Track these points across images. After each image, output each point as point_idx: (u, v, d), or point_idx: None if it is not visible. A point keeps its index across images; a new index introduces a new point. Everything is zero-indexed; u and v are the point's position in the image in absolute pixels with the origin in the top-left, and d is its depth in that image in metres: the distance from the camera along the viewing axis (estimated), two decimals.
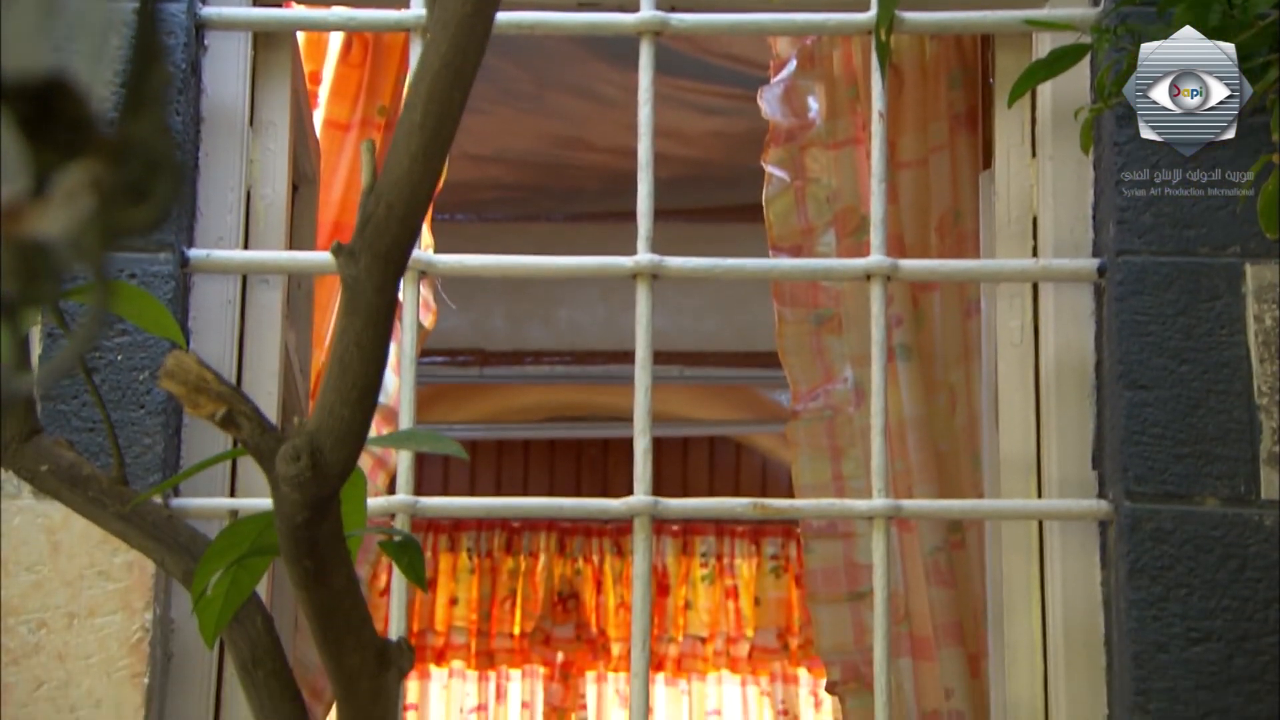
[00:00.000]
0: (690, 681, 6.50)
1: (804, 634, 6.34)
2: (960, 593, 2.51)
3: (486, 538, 6.50)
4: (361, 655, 1.17)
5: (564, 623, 6.42)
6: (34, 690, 1.69)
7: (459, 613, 6.42)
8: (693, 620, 6.53)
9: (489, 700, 6.38)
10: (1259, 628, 1.73)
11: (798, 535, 6.37)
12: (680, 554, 6.61)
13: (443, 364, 5.51)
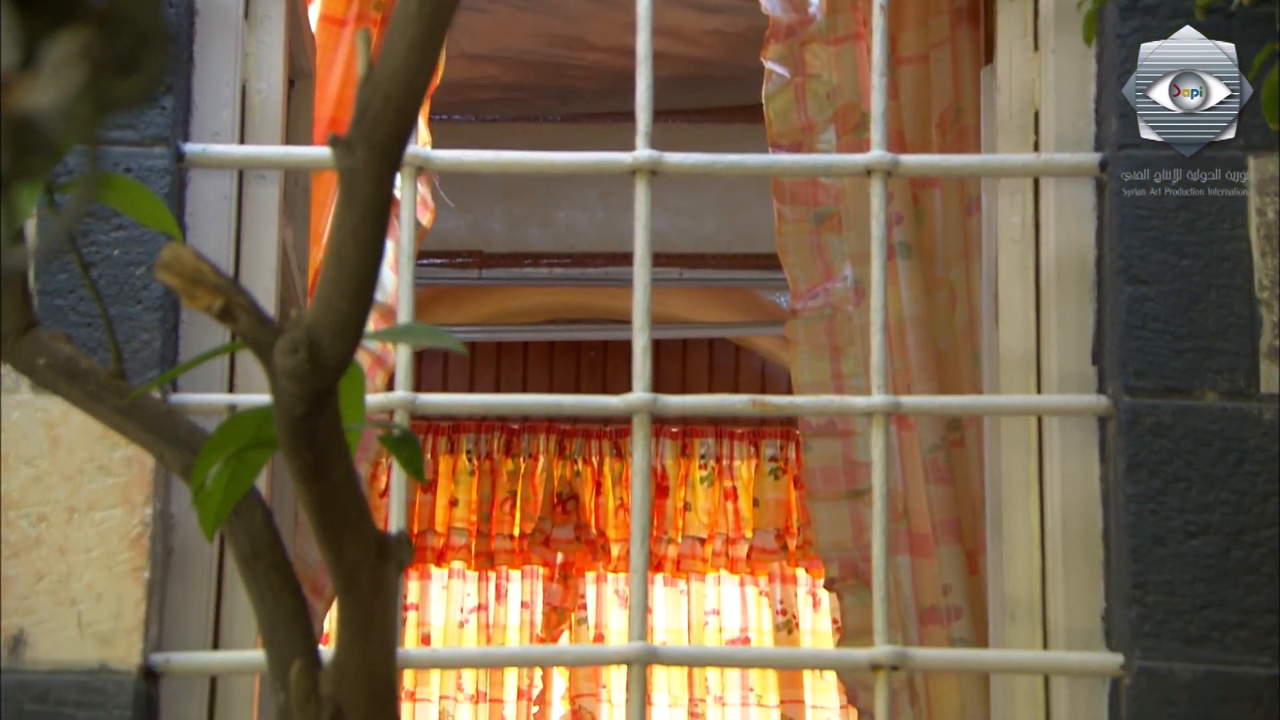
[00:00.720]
0: (689, 582, 6.54)
1: (802, 535, 6.37)
2: (959, 490, 2.52)
3: (486, 440, 6.52)
4: (361, 548, 1.17)
5: (563, 524, 6.45)
6: (35, 583, 1.70)
7: (459, 514, 6.45)
8: (691, 521, 6.56)
9: (489, 600, 6.43)
10: (1257, 521, 1.74)
11: (796, 437, 6.39)
12: (679, 456, 6.63)
13: (441, 266, 5.50)
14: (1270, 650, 1.71)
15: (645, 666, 1.84)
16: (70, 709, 1.67)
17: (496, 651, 2.90)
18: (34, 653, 1.69)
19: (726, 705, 6.40)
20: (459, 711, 6.29)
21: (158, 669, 1.73)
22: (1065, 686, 1.82)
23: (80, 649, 1.69)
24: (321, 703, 1.20)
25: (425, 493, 6.44)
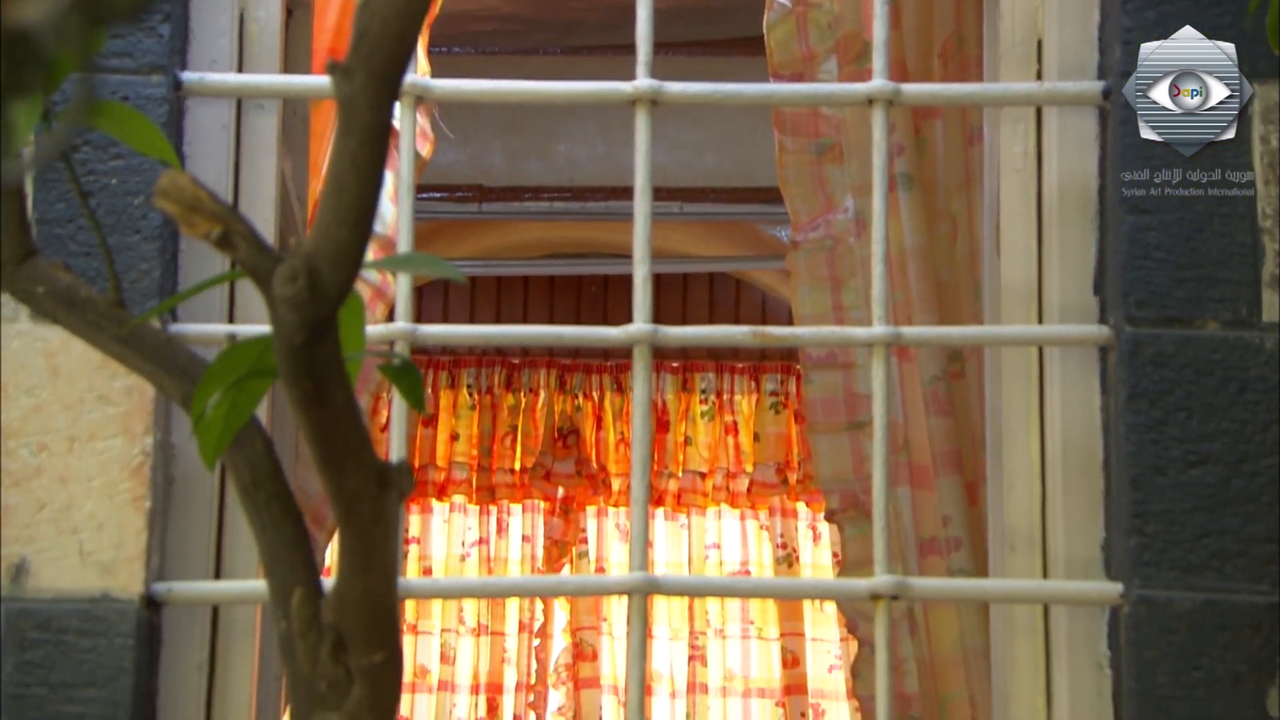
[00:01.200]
0: (689, 516, 6.56)
1: (803, 469, 6.39)
2: (959, 422, 2.52)
3: (487, 374, 6.52)
4: (362, 477, 1.17)
5: (564, 458, 6.46)
6: (36, 512, 1.70)
7: (460, 448, 6.46)
8: (692, 456, 6.57)
9: (490, 534, 6.45)
10: (1257, 450, 1.74)
11: (797, 371, 6.39)
12: (680, 390, 6.63)
13: (441, 200, 5.49)
14: (1269, 578, 1.71)
15: (646, 597, 1.85)
16: (73, 637, 1.68)
17: (497, 581, 2.92)
18: (36, 581, 1.69)
19: (727, 638, 6.44)
20: (460, 644, 6.33)
21: (160, 598, 1.74)
22: (1064, 616, 1.83)
23: (82, 578, 1.69)
24: (323, 631, 1.20)
25: (426, 427, 6.45)
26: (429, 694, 6.24)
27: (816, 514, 6.53)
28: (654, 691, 6.34)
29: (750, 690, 6.38)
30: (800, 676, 6.34)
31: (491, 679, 6.30)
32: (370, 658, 1.22)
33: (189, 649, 1.79)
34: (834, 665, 6.36)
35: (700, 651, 6.39)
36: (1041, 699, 1.85)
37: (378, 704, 1.22)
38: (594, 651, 6.34)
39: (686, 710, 6.31)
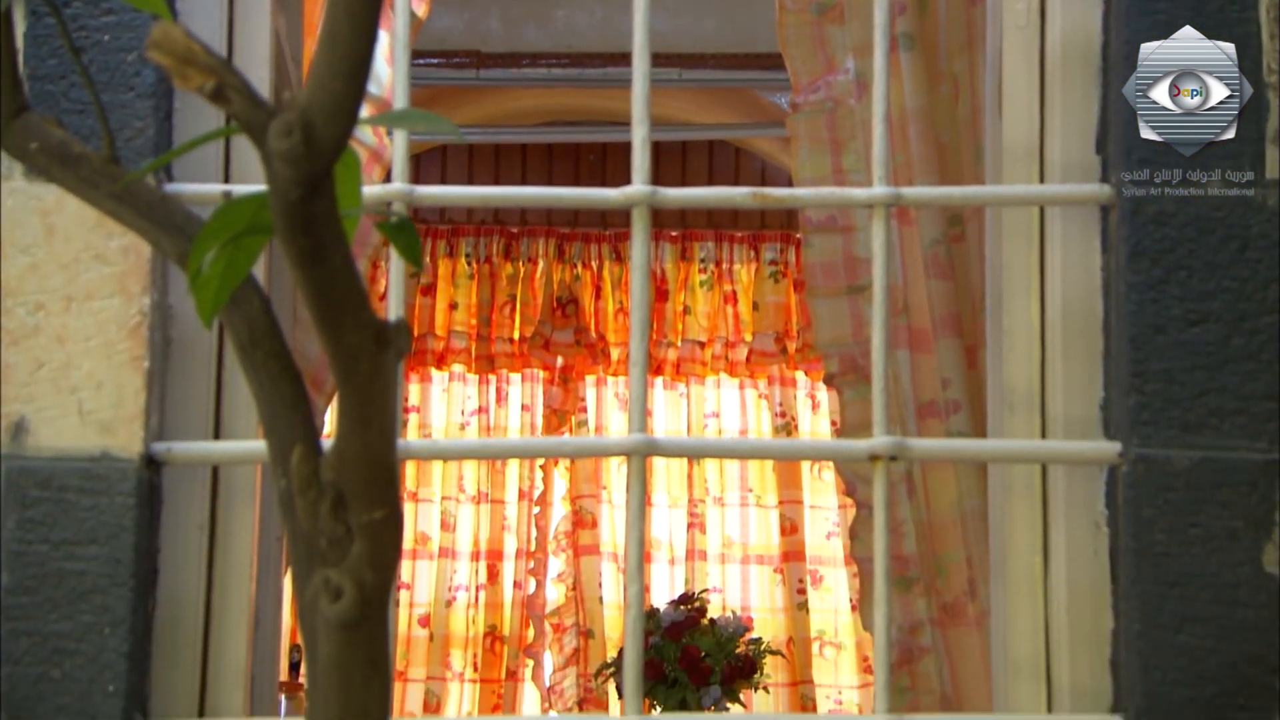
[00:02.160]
0: (688, 385, 6.57)
1: (802, 338, 6.40)
2: (959, 285, 2.51)
3: (485, 244, 6.51)
4: (359, 335, 1.17)
5: (563, 328, 6.47)
6: (34, 371, 1.70)
7: (459, 317, 6.46)
8: (691, 325, 6.58)
9: (489, 403, 6.47)
10: (1258, 308, 1.73)
11: (796, 240, 6.38)
12: (679, 259, 6.62)
13: (438, 66, 5.44)
14: (1267, 435, 1.71)
15: (645, 458, 1.85)
16: (73, 495, 1.68)
17: (496, 443, 2.93)
18: (35, 439, 1.69)
19: (725, 506, 6.49)
20: (460, 512, 6.38)
21: (159, 458, 1.74)
22: (1062, 476, 1.83)
23: (82, 436, 1.70)
24: (322, 488, 1.20)
25: (424, 296, 6.44)
26: (430, 560, 6.30)
27: (815, 383, 6.55)
28: (653, 558, 6.40)
29: (749, 557, 6.44)
30: (798, 543, 6.39)
31: (492, 546, 6.35)
32: (370, 514, 1.22)
33: (189, 508, 1.80)
34: (832, 532, 6.41)
35: (699, 519, 6.44)
36: (1039, 558, 1.86)
37: (378, 560, 1.23)
38: (593, 519, 6.38)
39: (685, 576, 6.37)
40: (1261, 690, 1.68)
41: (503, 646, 6.28)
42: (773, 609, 6.37)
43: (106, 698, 1.64)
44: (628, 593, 1.78)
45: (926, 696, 2.54)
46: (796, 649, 6.27)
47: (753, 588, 6.40)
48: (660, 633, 5.60)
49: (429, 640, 6.23)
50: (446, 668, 6.22)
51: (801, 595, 6.33)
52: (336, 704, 1.29)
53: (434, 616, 6.24)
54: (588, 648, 6.27)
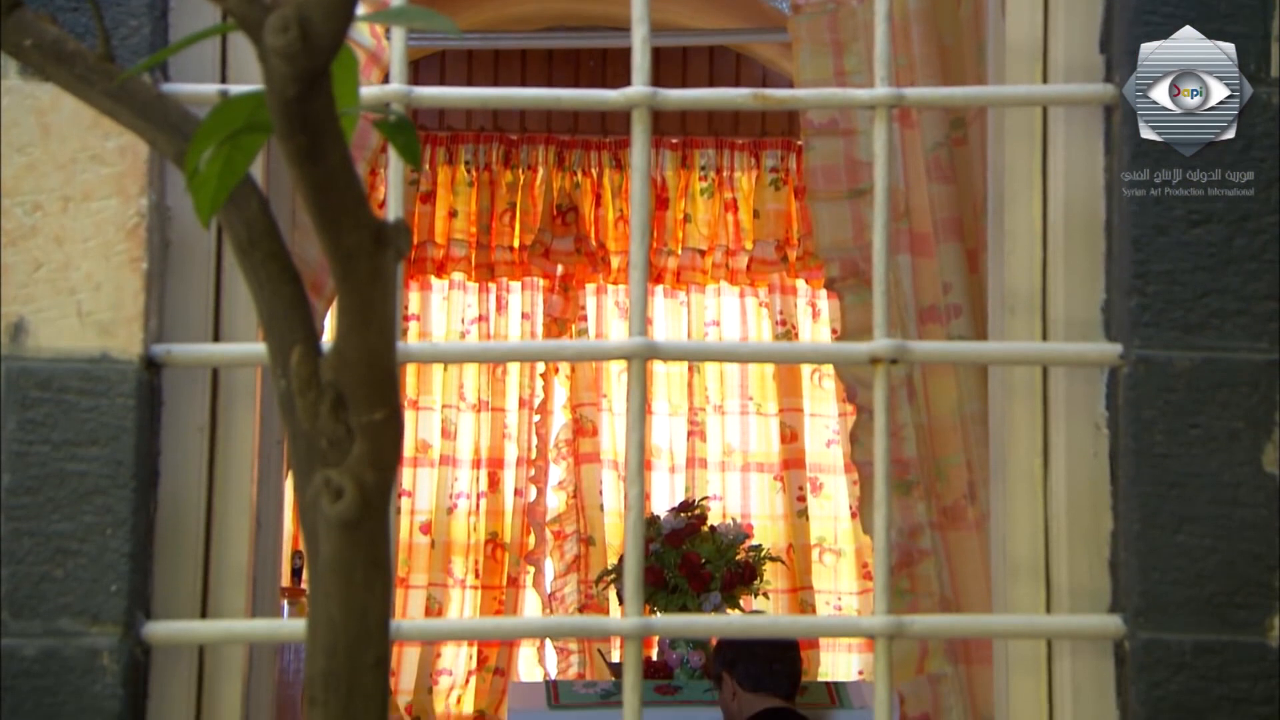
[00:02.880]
0: (689, 294, 6.57)
1: (803, 245, 6.38)
2: (960, 188, 2.50)
3: (485, 151, 6.48)
4: (358, 234, 1.16)
5: (563, 236, 6.45)
6: (33, 272, 1.69)
7: (458, 225, 6.45)
8: (691, 233, 6.56)
9: (489, 312, 6.46)
10: (1260, 208, 1.72)
11: (798, 147, 6.35)
12: (679, 167, 6.59)
13: None
14: (1268, 336, 1.71)
15: (645, 362, 1.85)
16: (73, 396, 1.68)
17: (496, 346, 2.93)
18: (35, 340, 1.69)
19: (726, 414, 6.49)
20: (461, 420, 6.39)
21: (159, 360, 1.74)
22: (1063, 378, 1.83)
23: (81, 338, 1.69)
24: (322, 389, 1.20)
25: (424, 203, 6.42)
26: (431, 468, 6.32)
27: (816, 291, 6.54)
28: (653, 466, 6.42)
29: (749, 465, 6.46)
30: (798, 451, 6.41)
31: (492, 454, 6.37)
32: (370, 415, 1.22)
33: (189, 410, 1.80)
34: (832, 440, 6.43)
35: (699, 427, 6.45)
36: (1038, 460, 1.86)
37: (378, 460, 1.23)
38: (594, 427, 6.40)
39: (685, 484, 6.40)
40: (1259, 588, 1.69)
41: (504, 553, 6.31)
42: (772, 516, 6.39)
43: (109, 597, 1.65)
44: (628, 494, 1.78)
45: (926, 599, 2.55)
46: (796, 555, 6.30)
47: (753, 495, 6.43)
48: (661, 540, 5.63)
49: (430, 547, 6.26)
50: (448, 574, 6.26)
51: (801, 502, 6.35)
52: (338, 604, 1.30)
53: (435, 524, 6.27)
54: (588, 555, 6.31)
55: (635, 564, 1.74)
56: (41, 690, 1.62)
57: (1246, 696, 1.66)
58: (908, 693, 2.54)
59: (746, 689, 4.63)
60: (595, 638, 5.85)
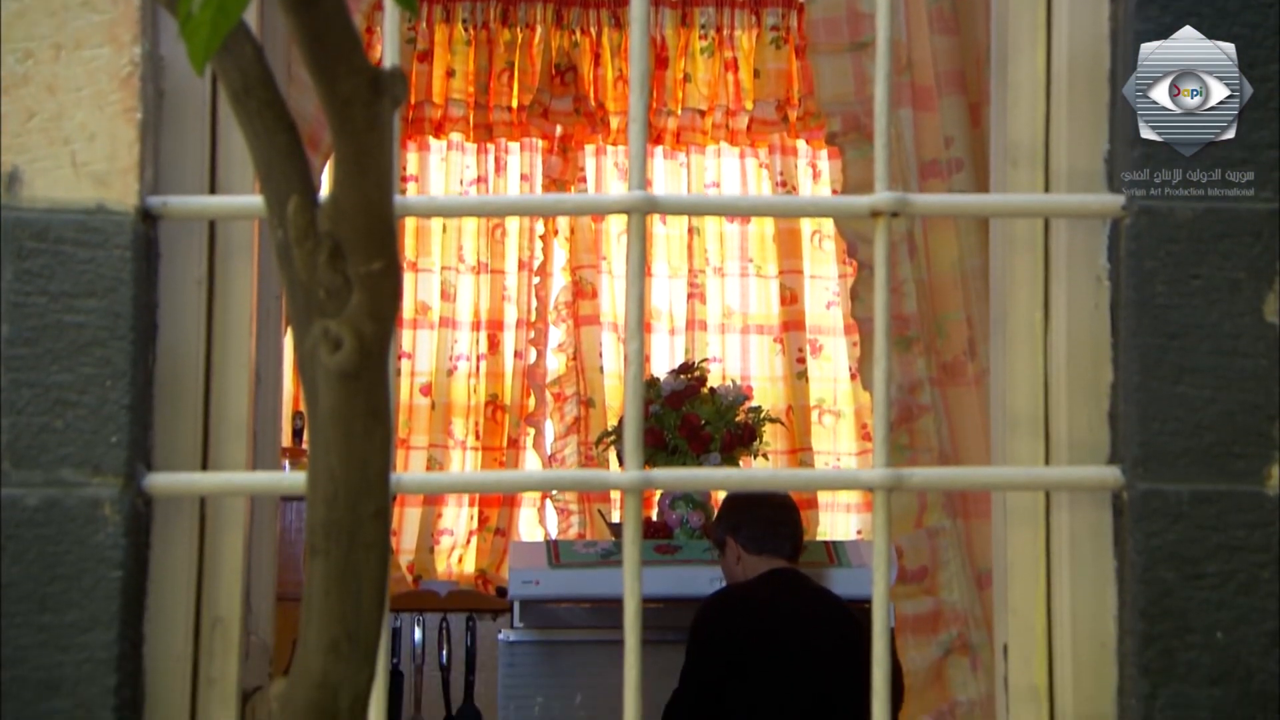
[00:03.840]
0: (688, 154, 6.53)
1: (803, 106, 6.33)
2: (963, 40, 2.47)
3: (482, 9, 6.41)
4: (354, 81, 1.15)
5: (562, 96, 6.40)
6: (26, 121, 1.67)
7: (456, 85, 6.39)
8: (691, 93, 6.50)
9: (488, 173, 6.43)
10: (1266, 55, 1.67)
11: (799, 5, 6.28)
12: (679, 26, 6.52)
13: None
14: (1272, 185, 1.70)
15: (644, 216, 1.83)
16: (69, 247, 1.67)
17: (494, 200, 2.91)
18: (30, 191, 1.68)
19: (725, 276, 6.48)
20: (460, 282, 6.38)
21: (155, 211, 1.73)
22: (1064, 230, 1.82)
23: (76, 188, 1.68)
24: (320, 238, 1.19)
25: (421, 62, 6.37)
26: (430, 330, 6.32)
27: (816, 151, 6.50)
28: (653, 328, 6.41)
29: (749, 327, 6.46)
30: (798, 313, 6.40)
31: (492, 316, 6.36)
32: (368, 265, 1.22)
33: (187, 263, 1.79)
34: (832, 302, 6.42)
35: (699, 289, 6.45)
36: (1039, 314, 1.86)
37: (376, 311, 1.23)
38: (593, 289, 6.39)
39: (685, 346, 6.40)
40: (1258, 438, 1.69)
41: (504, 415, 6.33)
42: (772, 378, 6.40)
43: (110, 449, 1.65)
44: (628, 348, 1.78)
45: (925, 454, 2.56)
46: (795, 417, 6.32)
47: (752, 357, 6.43)
48: (660, 401, 5.64)
49: (430, 409, 6.28)
50: (448, 436, 6.28)
51: (801, 364, 6.36)
52: (338, 454, 1.30)
53: (435, 385, 6.28)
54: (588, 416, 6.33)
55: (635, 417, 1.74)
56: (44, 539, 1.62)
57: (1243, 545, 1.66)
58: (906, 546, 2.56)
59: (750, 552, 4.66)
60: (595, 491, 5.89)
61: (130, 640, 1.66)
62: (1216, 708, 1.64)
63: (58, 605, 1.62)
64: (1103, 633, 1.74)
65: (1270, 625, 1.65)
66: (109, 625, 1.63)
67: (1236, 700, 1.64)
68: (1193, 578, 1.67)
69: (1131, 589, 1.69)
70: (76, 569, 1.63)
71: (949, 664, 2.55)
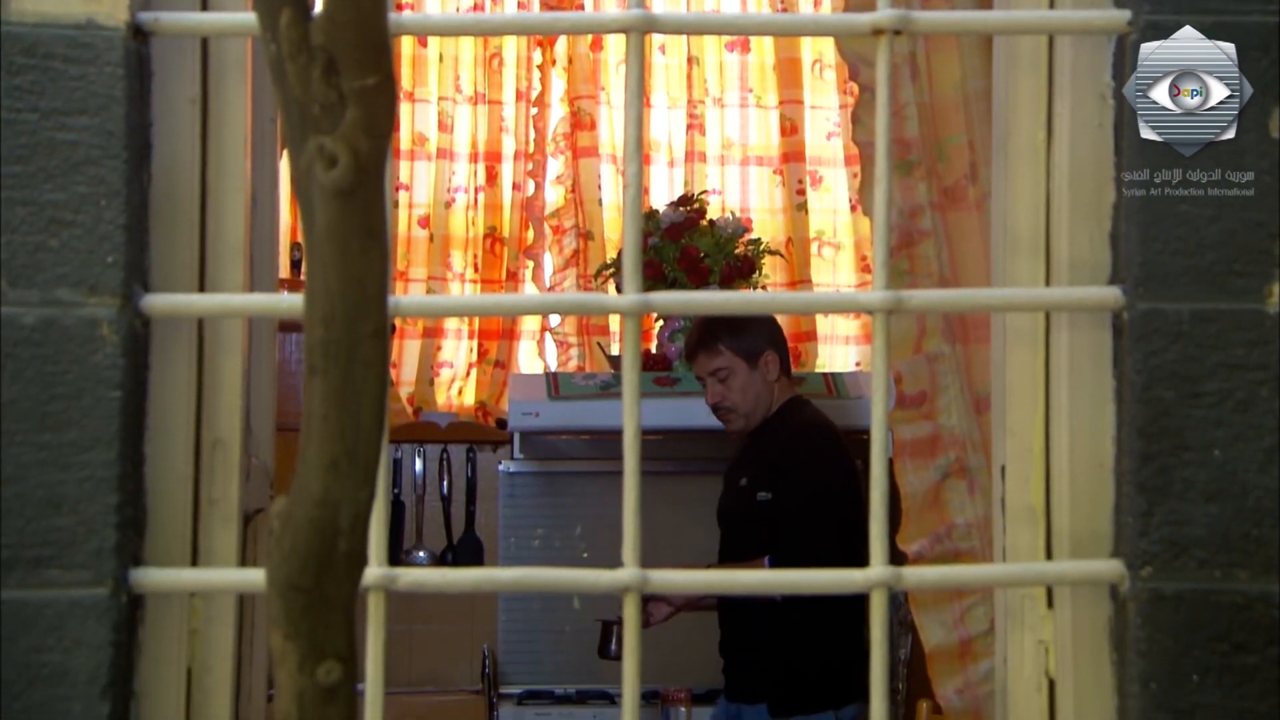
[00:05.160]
0: None
1: None
2: None
3: None
4: None
5: None
6: None
7: None
8: None
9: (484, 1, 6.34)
10: None
11: None
12: None
13: None
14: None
15: (642, 35, 1.81)
16: (59, 64, 1.65)
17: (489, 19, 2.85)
18: (19, 4, 1.65)
19: (725, 106, 6.42)
20: (458, 113, 6.32)
21: (146, 27, 1.70)
22: (1069, 47, 1.80)
23: (66, 3, 1.65)
24: (313, 52, 1.18)
25: None
26: (428, 161, 6.27)
27: None
28: (652, 160, 6.37)
29: (748, 158, 6.42)
30: (798, 144, 6.35)
31: (490, 147, 6.32)
32: (363, 80, 1.21)
33: (180, 82, 1.77)
34: (832, 133, 6.37)
35: (699, 120, 6.39)
36: (1042, 134, 1.84)
37: (371, 127, 1.21)
38: (591, 120, 6.33)
39: (684, 178, 6.36)
40: (1259, 256, 1.68)
41: (502, 248, 6.31)
42: (771, 210, 6.37)
43: (106, 268, 1.64)
44: (626, 172, 1.76)
45: (925, 280, 2.55)
46: (795, 249, 6.30)
47: (752, 189, 6.39)
48: (659, 233, 5.63)
49: (429, 241, 6.26)
50: (447, 268, 6.26)
51: (801, 196, 6.33)
52: (335, 272, 1.30)
53: (433, 217, 6.25)
54: (587, 249, 6.31)
55: (634, 241, 1.73)
56: (42, 359, 1.62)
57: (1243, 363, 1.66)
58: (905, 371, 2.57)
59: (784, 373, 4.65)
60: (594, 315, 5.89)
61: (130, 460, 1.66)
62: (1212, 524, 1.65)
63: (57, 424, 1.62)
64: (1100, 453, 1.75)
65: (1268, 442, 1.65)
66: (109, 444, 1.63)
67: (1232, 516, 1.65)
68: (1191, 396, 1.67)
69: (1130, 408, 1.69)
70: (76, 388, 1.63)
71: (946, 487, 2.56)
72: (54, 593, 1.60)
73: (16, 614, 1.60)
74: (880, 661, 1.66)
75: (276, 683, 1.34)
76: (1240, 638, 1.63)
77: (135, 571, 1.66)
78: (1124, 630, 1.68)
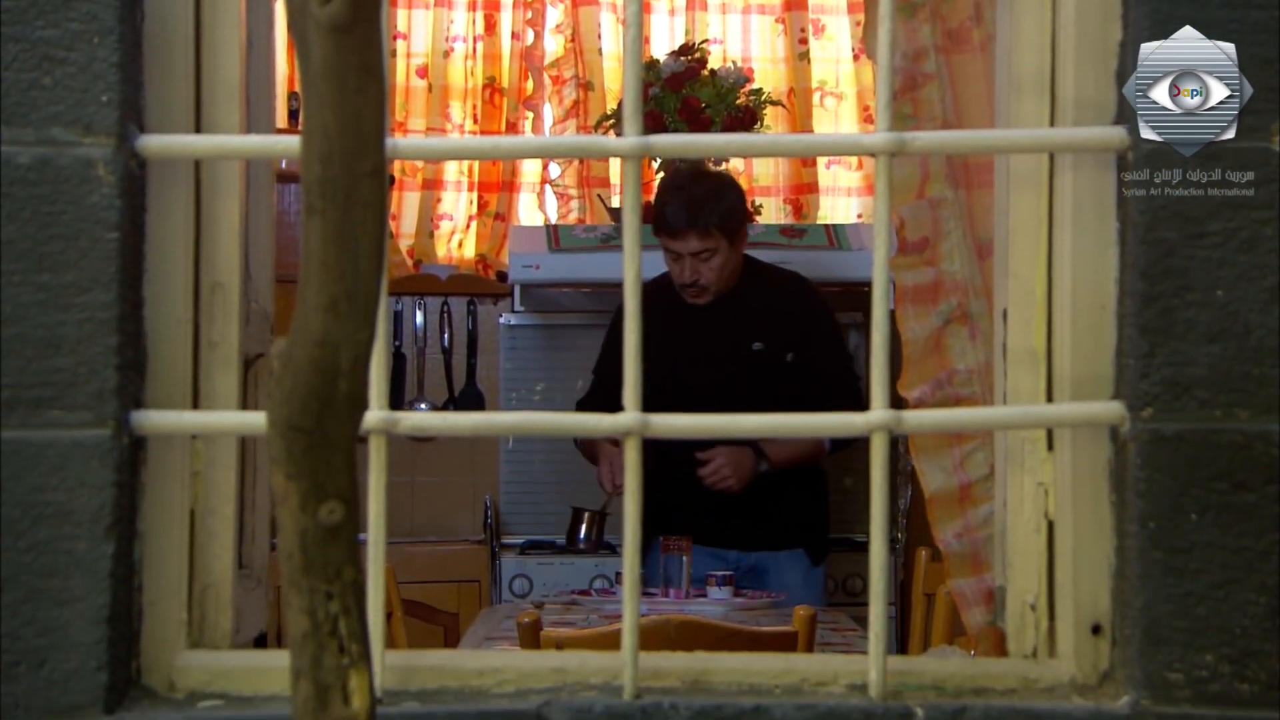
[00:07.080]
0: None
1: None
2: None
3: None
4: None
5: None
6: None
7: None
8: None
9: None
10: None
11: None
12: None
13: None
14: None
15: None
16: None
17: None
18: None
19: None
20: None
21: None
22: None
23: None
24: None
25: None
26: (425, 9, 6.20)
27: None
28: (652, 9, 6.30)
29: (749, 6, 6.35)
30: None
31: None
32: None
33: None
34: None
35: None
36: None
37: None
38: None
39: (685, 27, 6.30)
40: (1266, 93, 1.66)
41: (502, 99, 6.26)
42: (773, 59, 6.31)
43: (100, 108, 1.62)
44: (626, 11, 1.73)
45: (928, 123, 2.52)
46: (797, 99, 6.25)
47: (753, 38, 6.32)
48: (660, 84, 5.58)
49: (427, 91, 6.20)
50: (446, 119, 6.21)
51: (803, 45, 6.26)
52: (332, 110, 1.28)
53: (432, 67, 6.19)
54: (587, 100, 6.26)
55: (634, 84, 1.71)
56: (38, 199, 1.61)
57: (1247, 202, 1.65)
58: (907, 216, 2.55)
59: None
60: (594, 157, 5.86)
61: (130, 301, 1.65)
62: (1214, 364, 1.64)
63: (55, 265, 1.61)
64: (1103, 294, 1.74)
65: (1270, 281, 1.64)
66: (108, 286, 1.62)
67: (1234, 356, 1.64)
68: (1195, 236, 1.66)
69: (1133, 250, 1.68)
70: (73, 229, 1.61)
71: (948, 333, 2.56)
72: (56, 433, 1.60)
73: (19, 453, 1.60)
74: (880, 505, 1.66)
75: (279, 523, 1.34)
76: (1240, 476, 1.64)
77: (136, 414, 1.66)
78: (1124, 471, 1.68)
